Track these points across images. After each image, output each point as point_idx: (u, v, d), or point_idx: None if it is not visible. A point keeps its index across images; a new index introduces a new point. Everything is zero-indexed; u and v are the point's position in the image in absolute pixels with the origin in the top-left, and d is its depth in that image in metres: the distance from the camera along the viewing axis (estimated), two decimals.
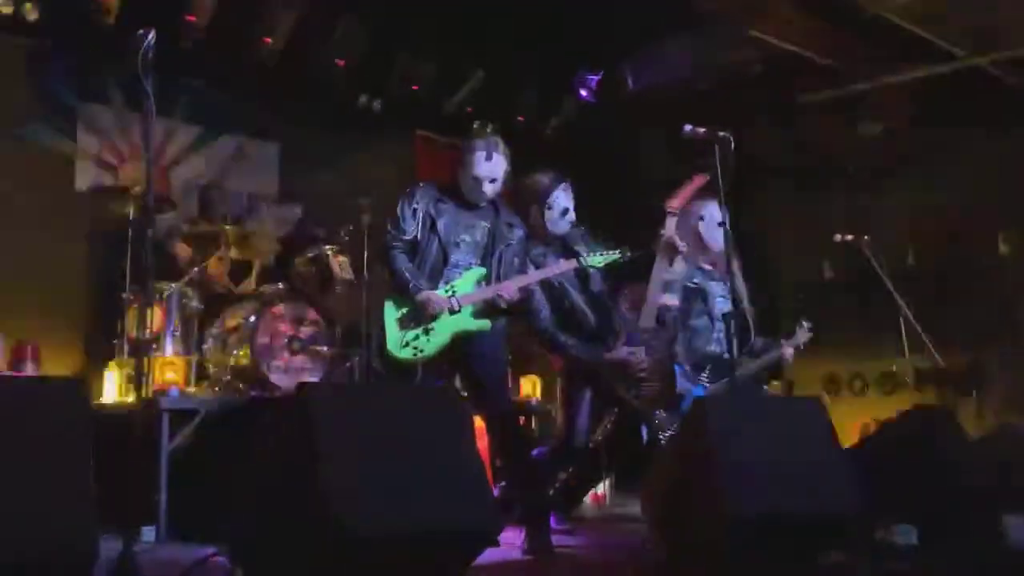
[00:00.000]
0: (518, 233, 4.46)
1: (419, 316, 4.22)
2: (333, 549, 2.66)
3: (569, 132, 7.82)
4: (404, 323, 4.23)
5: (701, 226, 4.99)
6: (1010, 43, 6.49)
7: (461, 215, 4.37)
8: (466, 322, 4.26)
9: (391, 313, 4.25)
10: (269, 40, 6.43)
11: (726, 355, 4.87)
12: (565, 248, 4.70)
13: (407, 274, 4.24)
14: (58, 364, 5.77)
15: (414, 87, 7.16)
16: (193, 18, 6.08)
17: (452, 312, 4.23)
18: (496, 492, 4.58)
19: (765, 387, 5.22)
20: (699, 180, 4.71)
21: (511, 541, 4.09)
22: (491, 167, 4.32)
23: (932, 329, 5.83)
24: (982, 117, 7.02)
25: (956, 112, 7.04)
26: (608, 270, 4.72)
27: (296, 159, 7.17)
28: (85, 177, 6.33)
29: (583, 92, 7.48)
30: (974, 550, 3.87)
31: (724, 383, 4.78)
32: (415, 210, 4.33)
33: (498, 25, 6.70)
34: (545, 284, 4.63)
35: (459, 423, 3.16)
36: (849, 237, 5.67)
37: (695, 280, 4.97)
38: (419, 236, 4.32)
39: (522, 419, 6.09)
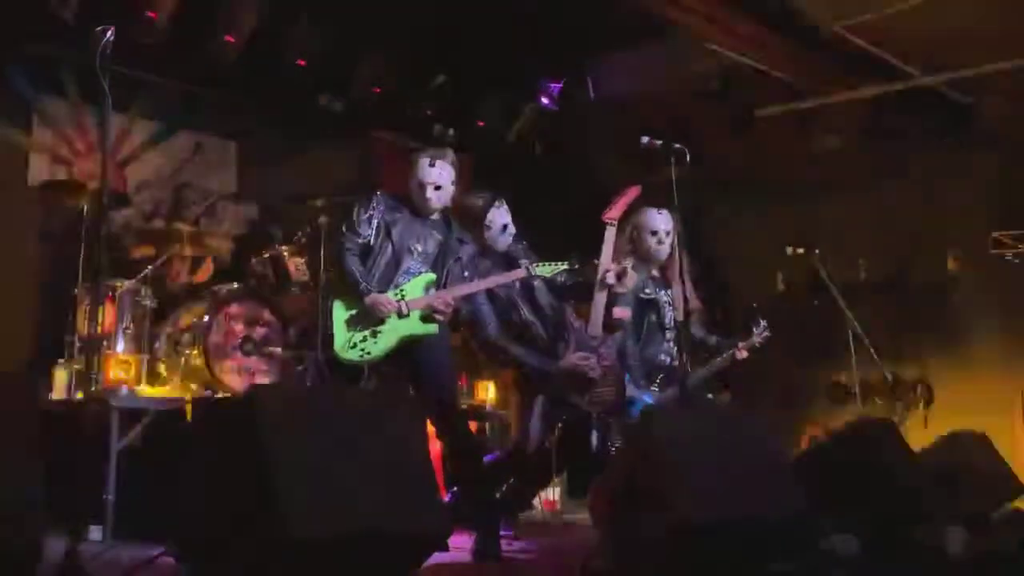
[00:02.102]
0: (468, 249, 4.54)
1: (367, 318, 4.24)
2: (280, 550, 2.66)
3: (529, 138, 7.85)
4: (352, 324, 4.26)
5: (646, 237, 5.04)
6: (961, 63, 6.62)
7: (415, 224, 4.43)
8: (414, 326, 4.29)
9: (339, 314, 4.28)
10: (231, 38, 6.38)
11: (675, 363, 4.94)
12: (509, 263, 4.76)
13: (357, 275, 4.27)
14: (6, 360, 5.69)
15: (375, 89, 7.15)
16: (154, 14, 6.03)
17: (400, 315, 4.25)
18: (447, 497, 4.60)
19: (712, 396, 5.27)
20: (633, 192, 4.81)
21: (460, 545, 4.12)
22: (435, 173, 4.38)
23: (881, 342, 5.93)
24: (933, 135, 7.16)
25: (908, 129, 7.17)
26: (555, 287, 4.79)
27: (254, 158, 7.12)
28: (39, 171, 6.25)
29: (544, 99, 7.53)
30: (915, 560, 3.95)
31: (674, 391, 4.84)
32: (370, 216, 4.38)
33: (460, 29, 6.72)
34: (493, 297, 4.69)
35: (410, 427, 3.18)
36: (801, 250, 5.76)
37: (647, 291, 5.04)
38: (373, 242, 4.36)
39: (475, 424, 6.10)
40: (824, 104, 7.22)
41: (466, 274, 4.49)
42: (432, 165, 4.38)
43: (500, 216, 4.80)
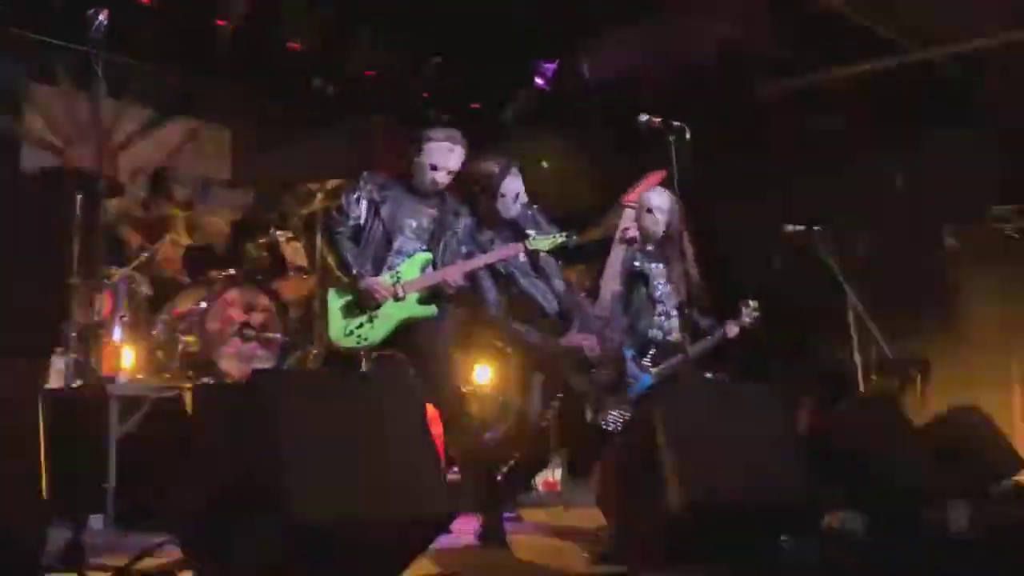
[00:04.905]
0: (464, 221, 4.47)
1: (363, 304, 4.20)
2: (285, 535, 2.65)
3: (525, 119, 7.82)
4: (348, 311, 4.20)
5: (643, 214, 5.00)
6: (959, 37, 6.61)
7: (406, 201, 4.36)
8: (411, 309, 4.24)
9: (335, 302, 4.22)
10: (222, 22, 6.35)
11: (669, 337, 4.92)
12: (515, 232, 4.70)
13: (350, 259, 4.22)
14: (2, 349, 5.66)
15: (369, 72, 7.11)
16: None
17: (396, 299, 4.21)
18: (448, 478, 4.58)
19: (710, 376, 5.25)
20: (656, 176, 4.76)
21: (463, 529, 4.11)
22: (452, 158, 4.32)
23: (879, 319, 5.92)
24: (927, 111, 7.14)
25: (905, 105, 7.15)
26: (557, 254, 4.75)
27: (248, 143, 7.09)
28: (31, 158, 6.21)
29: (539, 80, 7.49)
30: (919, 536, 3.95)
31: (670, 365, 4.82)
32: (359, 197, 4.32)
33: (455, 10, 6.68)
34: (493, 271, 4.63)
35: (413, 409, 3.16)
36: (800, 228, 5.73)
37: (636, 263, 4.99)
38: (363, 222, 4.31)
39: (475, 407, 6.09)
40: (821, 82, 7.20)
41: (463, 249, 4.43)
42: (451, 150, 4.32)
43: (514, 185, 4.73)
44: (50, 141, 6.32)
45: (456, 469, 4.67)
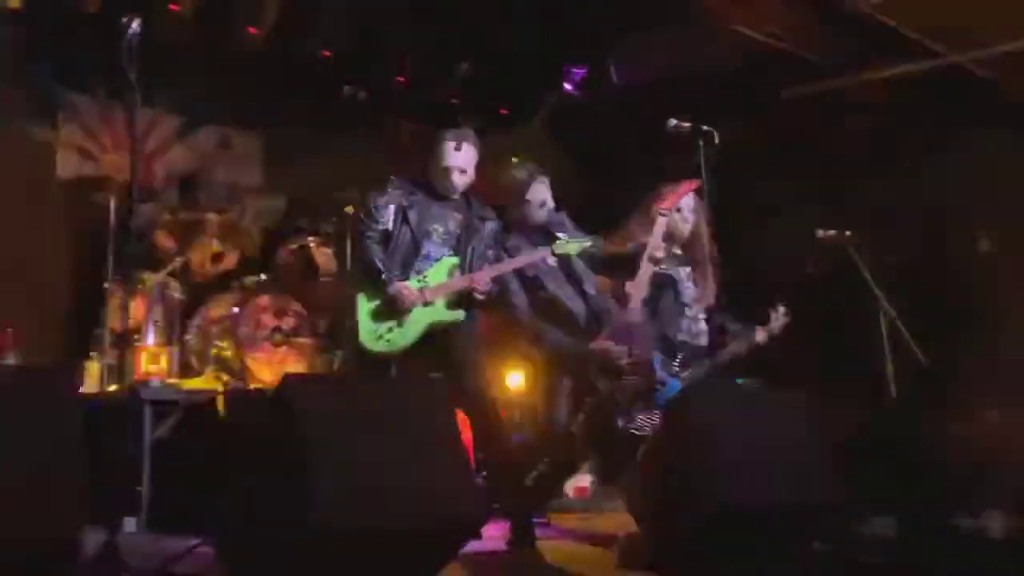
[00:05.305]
0: (491, 225, 4.49)
1: (391, 308, 4.22)
2: (316, 540, 2.66)
3: (554, 124, 7.82)
4: (377, 315, 4.23)
5: (676, 217, 4.97)
6: (988, 40, 6.55)
7: (433, 206, 4.39)
8: (440, 313, 4.27)
9: (364, 306, 4.25)
10: (253, 30, 6.40)
11: (697, 342, 4.90)
12: (545, 237, 4.71)
13: (379, 264, 4.25)
14: (38, 354, 5.73)
15: (399, 78, 7.14)
16: (176, 7, 6.04)
17: (424, 304, 4.23)
18: (477, 483, 4.59)
19: (741, 381, 5.21)
20: (692, 184, 4.74)
21: (493, 534, 4.11)
22: (461, 157, 4.35)
23: (911, 325, 5.86)
24: (961, 113, 7.07)
25: (936, 108, 7.08)
26: (587, 259, 4.75)
27: (280, 150, 7.13)
28: (67, 166, 6.29)
29: (568, 85, 7.49)
30: (953, 544, 3.91)
31: (699, 370, 4.79)
32: (387, 201, 4.35)
33: (484, 17, 6.70)
34: (521, 275, 4.64)
35: (443, 415, 3.17)
36: (832, 233, 5.69)
37: (662, 266, 4.96)
38: (391, 227, 4.34)
39: (504, 412, 6.08)
40: (851, 85, 7.15)
41: (490, 253, 4.46)
42: (458, 149, 4.35)
43: (540, 192, 4.76)
44: (86, 149, 6.40)
45: (486, 474, 4.68)
